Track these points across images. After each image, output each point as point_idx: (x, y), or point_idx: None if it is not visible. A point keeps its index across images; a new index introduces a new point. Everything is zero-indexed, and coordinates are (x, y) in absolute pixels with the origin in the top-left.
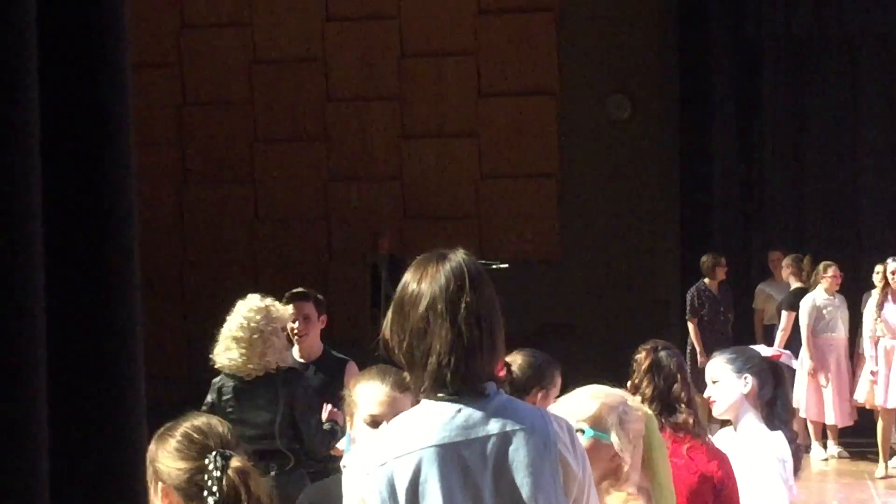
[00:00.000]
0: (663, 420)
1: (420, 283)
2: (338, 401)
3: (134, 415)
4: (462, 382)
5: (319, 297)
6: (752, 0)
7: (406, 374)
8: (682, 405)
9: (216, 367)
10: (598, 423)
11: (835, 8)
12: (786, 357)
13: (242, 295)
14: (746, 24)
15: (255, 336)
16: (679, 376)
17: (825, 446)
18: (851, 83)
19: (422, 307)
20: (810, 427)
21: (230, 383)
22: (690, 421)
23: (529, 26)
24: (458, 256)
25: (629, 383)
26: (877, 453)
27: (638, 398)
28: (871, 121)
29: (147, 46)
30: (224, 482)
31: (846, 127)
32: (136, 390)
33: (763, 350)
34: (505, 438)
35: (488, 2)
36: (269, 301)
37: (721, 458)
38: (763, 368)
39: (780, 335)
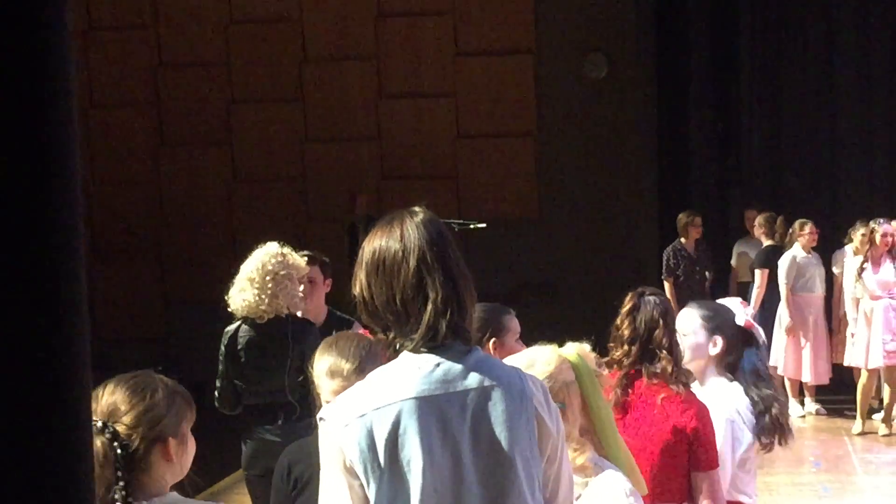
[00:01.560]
0: (642, 367)
1: (403, 240)
2: None
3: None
4: (453, 334)
5: (325, 259)
6: None
7: (386, 334)
8: (663, 351)
9: (230, 309)
10: None
11: None
12: (756, 331)
13: (221, 255)
14: None
15: (268, 278)
16: (661, 322)
17: (802, 403)
18: (829, 41)
19: (412, 262)
20: (787, 384)
21: (244, 332)
22: (669, 369)
23: None
24: (426, 212)
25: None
26: (853, 410)
27: (549, 350)
28: (848, 79)
29: (122, 7)
30: None
31: (824, 85)
32: (81, 361)
33: (738, 313)
34: (483, 393)
35: None
36: (287, 250)
37: (699, 408)
38: (734, 334)
39: (756, 293)
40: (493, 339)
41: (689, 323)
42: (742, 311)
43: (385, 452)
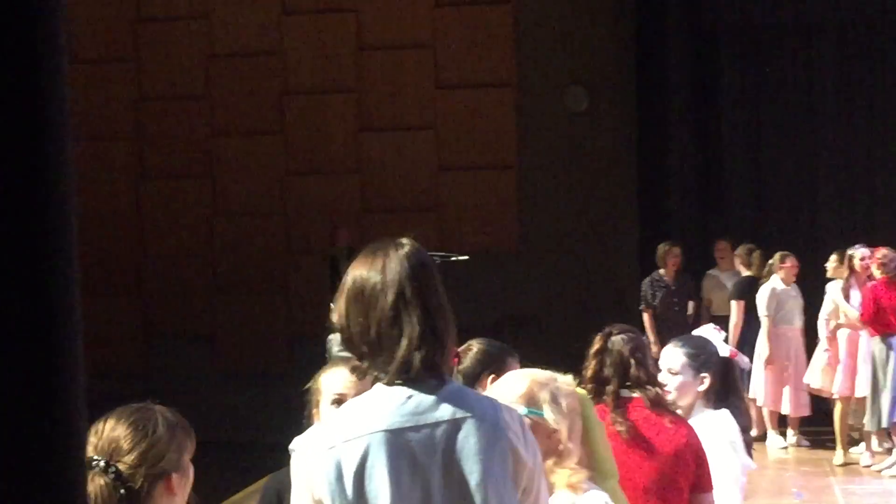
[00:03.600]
0: (634, 394)
1: (384, 272)
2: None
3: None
4: (427, 369)
5: None
6: None
7: (361, 362)
8: (644, 384)
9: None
10: (530, 400)
11: None
12: (740, 358)
13: (202, 287)
14: (703, 15)
15: None
16: (633, 360)
17: (784, 435)
18: (808, 73)
19: (391, 295)
20: (766, 415)
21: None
22: (657, 395)
23: (487, 18)
24: (412, 243)
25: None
26: (834, 440)
27: (570, 378)
28: (827, 111)
29: (103, 41)
30: None
31: (803, 117)
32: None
33: (718, 343)
34: (455, 425)
35: None
36: None
37: (695, 431)
38: (720, 368)
39: (733, 324)
40: (492, 376)
41: (675, 361)
42: (720, 340)
43: (353, 486)
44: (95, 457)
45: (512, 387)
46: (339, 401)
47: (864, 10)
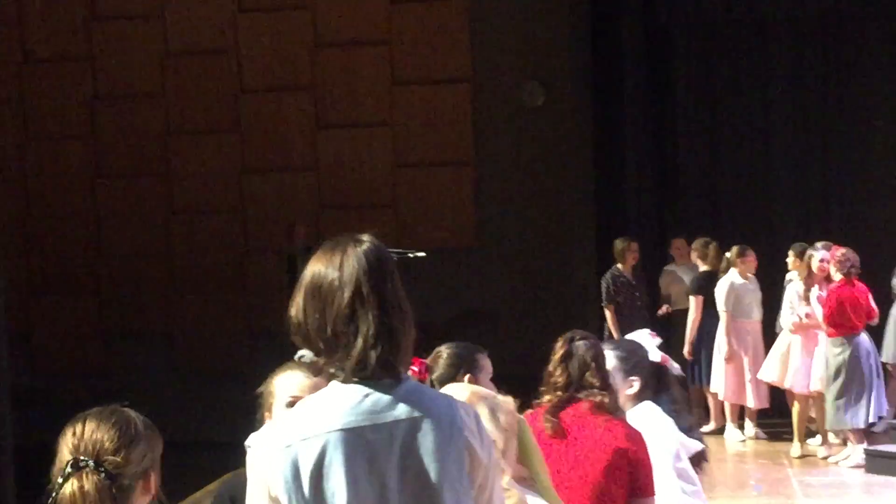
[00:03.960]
0: (580, 396)
1: (341, 268)
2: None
3: None
4: (382, 368)
5: None
6: None
7: (318, 358)
8: (595, 389)
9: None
10: None
11: None
12: (670, 364)
13: (161, 286)
14: (658, 10)
15: None
16: (594, 365)
17: (742, 427)
18: (763, 68)
19: (347, 292)
20: (727, 409)
21: None
22: (606, 401)
23: (442, 14)
24: (372, 240)
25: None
26: (792, 433)
27: (511, 399)
28: (781, 105)
29: (57, 40)
30: (59, 491)
31: (758, 112)
32: None
33: (650, 349)
34: (412, 424)
35: None
36: None
37: (637, 438)
38: (650, 373)
39: (692, 319)
40: (468, 375)
41: (607, 364)
42: (653, 345)
43: (310, 484)
44: (82, 458)
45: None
46: (293, 404)
47: (816, 5)
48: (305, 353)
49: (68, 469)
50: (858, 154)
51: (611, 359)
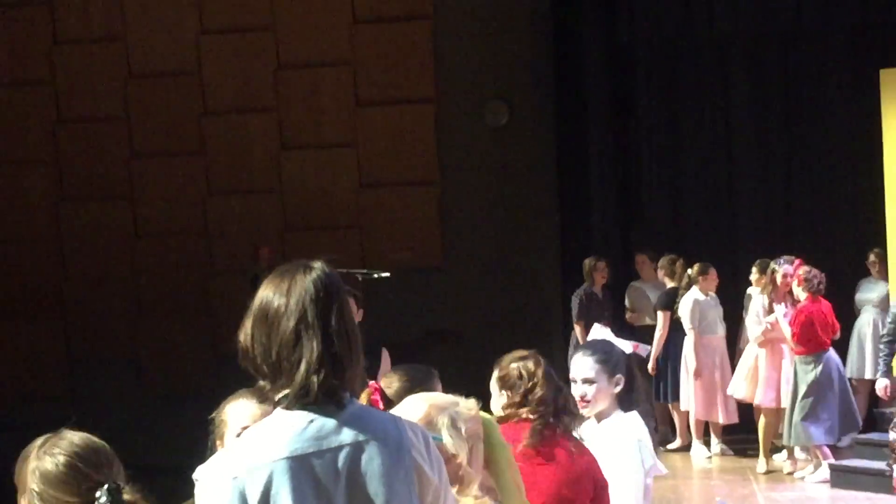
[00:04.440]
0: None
1: (288, 295)
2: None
3: None
4: (325, 394)
5: (357, 293)
6: (624, 5)
7: (263, 383)
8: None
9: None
10: (428, 424)
11: (704, 10)
12: (641, 348)
13: (126, 310)
14: (619, 29)
15: None
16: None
17: (707, 444)
18: (724, 85)
19: (293, 319)
20: (692, 425)
21: None
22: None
23: (405, 35)
24: (322, 267)
25: (520, 390)
26: (757, 449)
27: (473, 402)
28: (743, 121)
29: (20, 64)
30: None
31: (720, 128)
32: None
33: (619, 343)
34: (358, 448)
35: (364, 11)
36: None
37: (594, 459)
38: (626, 364)
39: (658, 335)
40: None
41: (589, 370)
42: (615, 337)
43: None
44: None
45: (410, 411)
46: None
47: (776, 23)
48: None
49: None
50: (820, 169)
51: (591, 364)
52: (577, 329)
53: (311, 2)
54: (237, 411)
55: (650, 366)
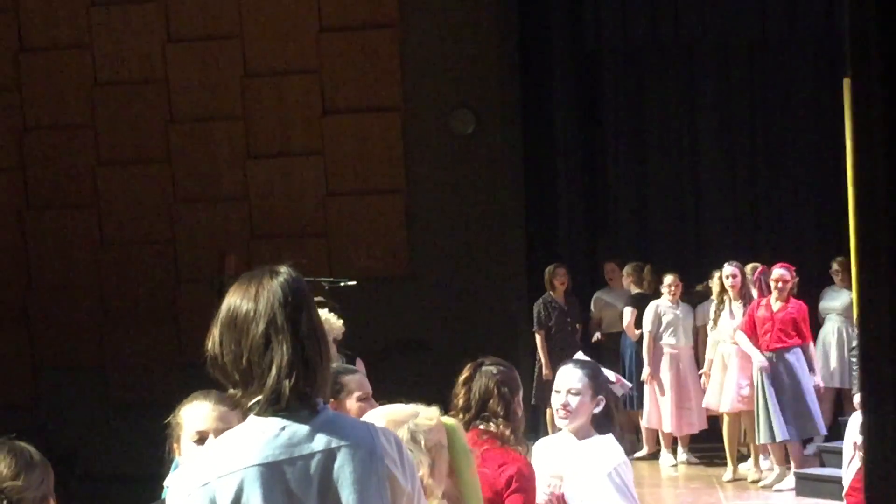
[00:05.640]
0: (480, 427)
1: (257, 300)
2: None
3: None
4: (297, 399)
5: (335, 305)
6: (590, 12)
7: (234, 391)
8: (499, 419)
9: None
10: None
11: (671, 18)
12: (622, 384)
13: (91, 318)
14: (586, 36)
15: None
16: (496, 392)
17: (675, 452)
18: (690, 92)
19: (262, 323)
20: (661, 434)
21: None
22: (507, 433)
23: (372, 43)
24: (289, 272)
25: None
26: (724, 457)
27: (435, 410)
28: (709, 128)
29: None
30: None
31: (686, 136)
32: None
33: (608, 373)
34: (329, 455)
35: (330, 19)
36: (325, 314)
37: (530, 475)
38: (608, 392)
39: (647, 339)
40: (331, 402)
41: (577, 382)
42: (606, 370)
43: None
44: None
45: None
46: (200, 439)
47: (742, 31)
48: None
49: None
50: (786, 177)
51: (580, 377)
52: (538, 338)
53: (278, 10)
54: (192, 414)
55: (644, 377)
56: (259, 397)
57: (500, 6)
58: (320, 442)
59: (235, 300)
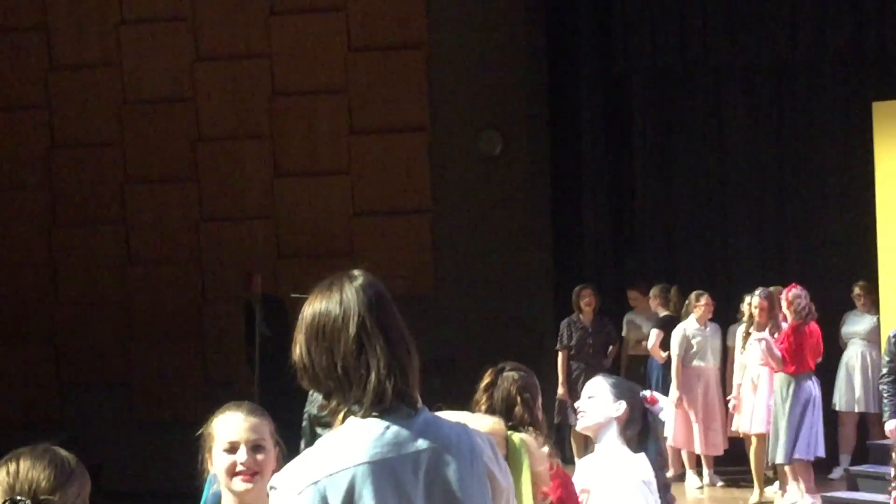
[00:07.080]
0: None
1: (341, 305)
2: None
3: None
4: (399, 398)
5: None
6: (619, 36)
7: (330, 400)
8: (527, 427)
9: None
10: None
11: (699, 41)
12: (658, 407)
13: (117, 336)
14: (614, 59)
15: None
16: (519, 399)
17: (700, 475)
18: (718, 116)
19: (353, 328)
20: (685, 455)
21: None
22: (541, 441)
23: (400, 63)
24: (366, 275)
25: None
26: (750, 479)
27: (500, 423)
28: (737, 151)
29: (14, 88)
30: None
31: (714, 160)
32: None
33: (644, 391)
34: (434, 454)
35: (358, 39)
36: None
37: (563, 478)
38: (638, 404)
39: (675, 362)
40: None
41: (597, 388)
42: (645, 391)
43: None
44: (19, 497)
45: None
46: (231, 449)
47: (771, 54)
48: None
49: None
50: (813, 201)
51: (601, 383)
52: (559, 356)
53: (307, 29)
54: (224, 425)
55: (673, 400)
56: (362, 401)
57: (529, 28)
58: (424, 441)
59: (320, 307)
